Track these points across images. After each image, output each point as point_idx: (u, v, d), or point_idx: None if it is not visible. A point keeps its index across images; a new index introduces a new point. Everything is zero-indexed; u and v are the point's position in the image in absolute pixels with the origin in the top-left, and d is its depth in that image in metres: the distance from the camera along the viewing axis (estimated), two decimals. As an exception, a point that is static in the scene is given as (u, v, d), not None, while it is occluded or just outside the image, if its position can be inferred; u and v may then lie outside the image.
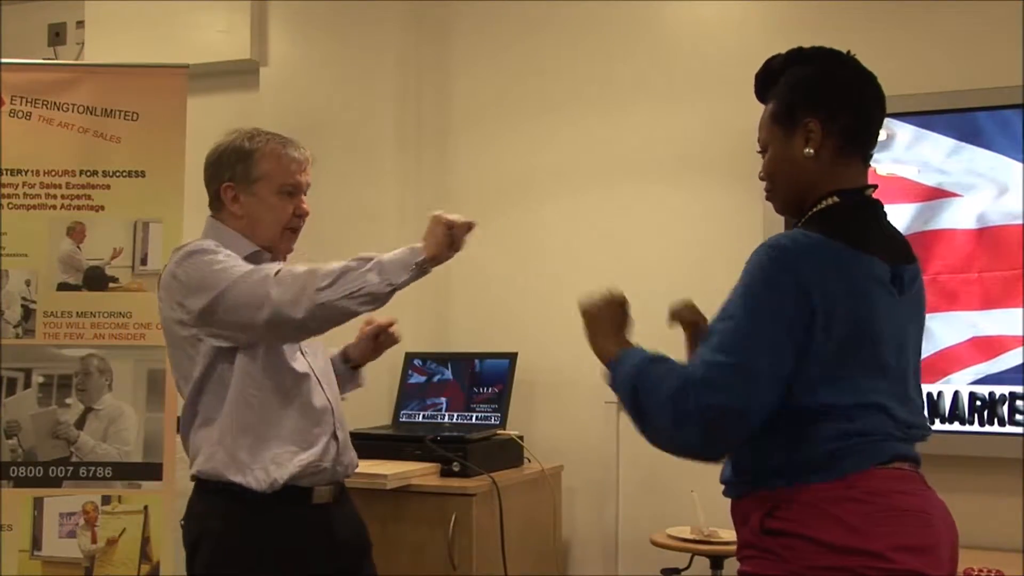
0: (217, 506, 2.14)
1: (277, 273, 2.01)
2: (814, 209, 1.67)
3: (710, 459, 1.62)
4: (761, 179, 1.78)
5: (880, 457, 1.57)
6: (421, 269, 2.02)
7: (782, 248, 1.57)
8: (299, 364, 2.18)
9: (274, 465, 2.10)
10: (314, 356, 2.24)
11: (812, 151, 1.67)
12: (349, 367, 2.47)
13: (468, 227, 2.05)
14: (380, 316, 2.37)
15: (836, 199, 1.65)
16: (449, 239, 2.04)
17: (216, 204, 2.24)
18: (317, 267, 1.99)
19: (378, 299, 2.00)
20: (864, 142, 1.71)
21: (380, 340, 2.47)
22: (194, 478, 2.17)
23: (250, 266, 2.09)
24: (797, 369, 1.54)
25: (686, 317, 1.91)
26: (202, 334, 2.09)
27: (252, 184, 2.19)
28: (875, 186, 1.72)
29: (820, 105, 1.67)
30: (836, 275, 1.56)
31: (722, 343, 1.54)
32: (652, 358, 1.63)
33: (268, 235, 2.21)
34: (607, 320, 1.76)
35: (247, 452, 2.10)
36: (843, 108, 1.68)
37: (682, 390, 1.53)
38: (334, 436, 2.21)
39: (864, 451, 1.56)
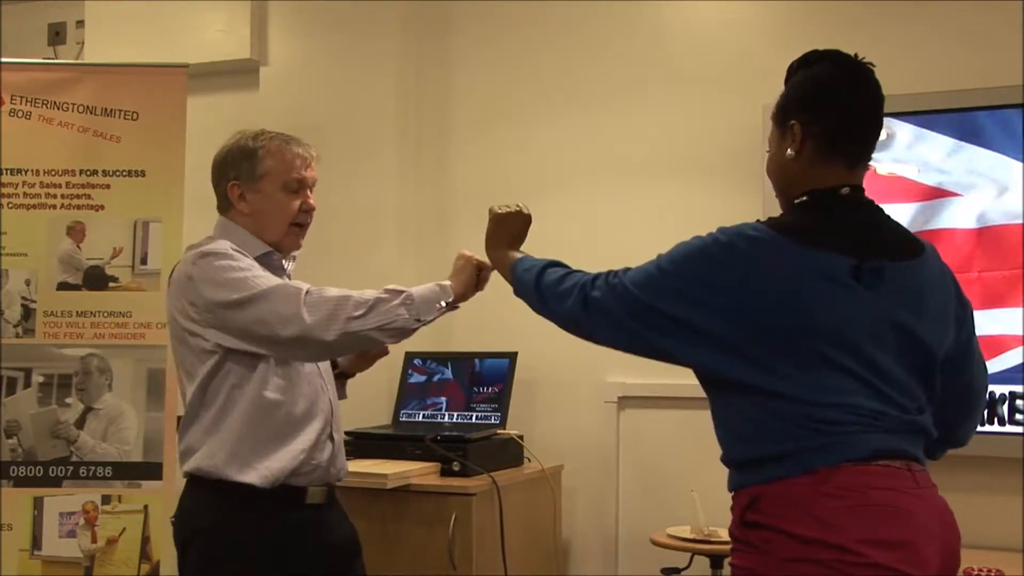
0: (210, 504, 2.14)
1: (308, 293, 2.03)
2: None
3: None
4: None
5: (851, 453, 1.58)
6: (451, 307, 2.11)
7: (729, 234, 1.66)
8: (309, 365, 2.20)
9: (276, 462, 2.11)
10: None
11: (793, 152, 1.72)
12: None
13: (492, 269, 2.13)
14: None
15: (804, 198, 1.72)
16: (476, 280, 2.14)
17: (224, 204, 2.25)
18: (349, 294, 2.03)
19: (406, 333, 2.07)
20: (848, 144, 1.72)
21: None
22: (189, 475, 2.17)
23: (276, 279, 2.10)
24: (733, 351, 1.62)
25: None
26: (211, 334, 2.09)
27: (257, 181, 2.20)
28: (857, 185, 1.73)
29: (803, 108, 1.73)
30: (771, 268, 1.62)
31: (635, 277, 1.71)
32: (549, 262, 1.90)
33: (275, 232, 2.22)
34: (509, 230, 2.07)
35: (250, 450, 2.10)
36: (825, 111, 1.71)
37: (583, 290, 1.76)
38: (331, 437, 2.22)
39: (832, 447, 1.58)
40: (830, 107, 1.71)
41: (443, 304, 2.08)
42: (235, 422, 2.12)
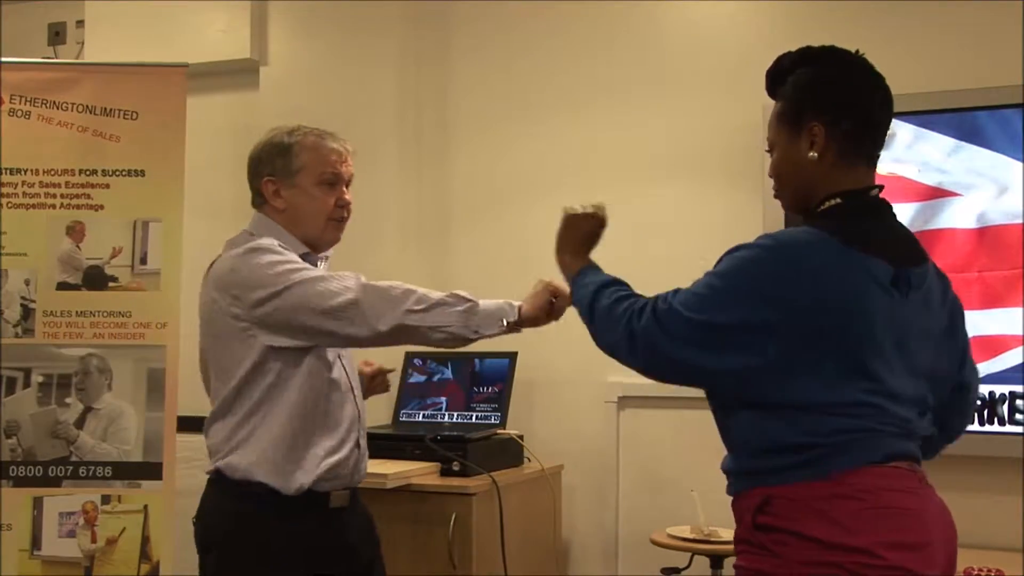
0: (234, 506, 2.13)
1: (365, 283, 2.04)
2: (819, 209, 1.69)
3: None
4: (771, 177, 1.80)
5: (873, 455, 1.58)
6: (512, 328, 2.07)
7: (767, 248, 1.61)
8: (337, 372, 2.19)
9: (302, 470, 2.11)
10: (349, 364, 2.27)
11: (816, 155, 1.68)
12: None
13: (569, 300, 2.01)
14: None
15: (838, 200, 1.67)
16: (550, 307, 2.08)
17: (258, 200, 2.25)
18: (412, 289, 2.03)
19: (459, 341, 2.05)
20: (869, 145, 1.72)
21: (376, 382, 2.53)
22: (215, 473, 2.15)
23: (320, 271, 2.12)
24: (777, 363, 1.57)
25: None
26: (256, 330, 2.08)
27: (293, 176, 2.20)
28: (881, 187, 1.73)
29: (824, 109, 1.68)
30: (829, 271, 1.58)
31: (686, 299, 1.61)
32: (609, 281, 1.78)
33: (312, 227, 2.21)
34: (580, 234, 1.97)
35: (283, 455, 2.10)
36: (847, 112, 1.69)
37: (630, 322, 1.64)
38: (357, 444, 2.22)
39: (854, 449, 1.57)
40: (854, 108, 1.69)
41: (505, 322, 2.05)
42: (269, 424, 2.10)
